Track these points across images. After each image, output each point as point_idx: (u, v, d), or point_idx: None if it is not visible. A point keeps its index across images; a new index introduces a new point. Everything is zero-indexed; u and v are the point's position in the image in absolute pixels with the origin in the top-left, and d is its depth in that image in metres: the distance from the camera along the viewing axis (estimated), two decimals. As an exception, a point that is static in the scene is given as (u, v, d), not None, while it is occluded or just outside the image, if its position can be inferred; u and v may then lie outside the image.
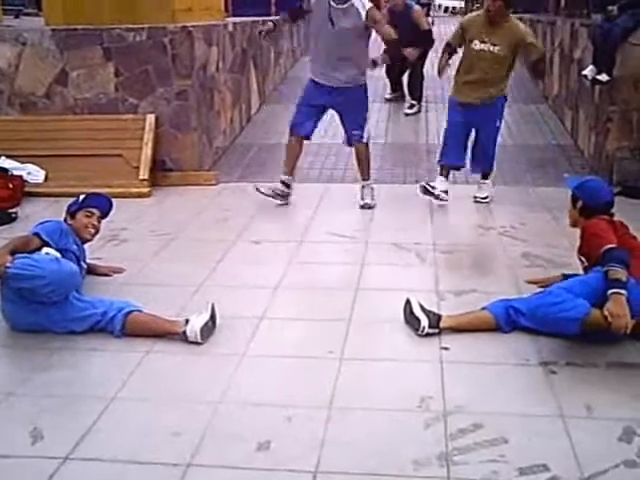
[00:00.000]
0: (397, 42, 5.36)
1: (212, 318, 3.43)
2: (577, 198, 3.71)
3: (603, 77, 5.91)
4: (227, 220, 5.36)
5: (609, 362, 3.15)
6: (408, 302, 3.51)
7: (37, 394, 2.95)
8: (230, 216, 5.44)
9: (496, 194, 5.88)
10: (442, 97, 9.37)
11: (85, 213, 3.91)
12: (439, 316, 3.45)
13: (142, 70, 6.22)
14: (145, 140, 6.16)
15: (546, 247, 4.62)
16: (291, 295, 4.00)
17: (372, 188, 5.73)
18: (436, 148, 6.23)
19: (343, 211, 5.59)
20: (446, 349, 3.28)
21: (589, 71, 6.10)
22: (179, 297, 3.88)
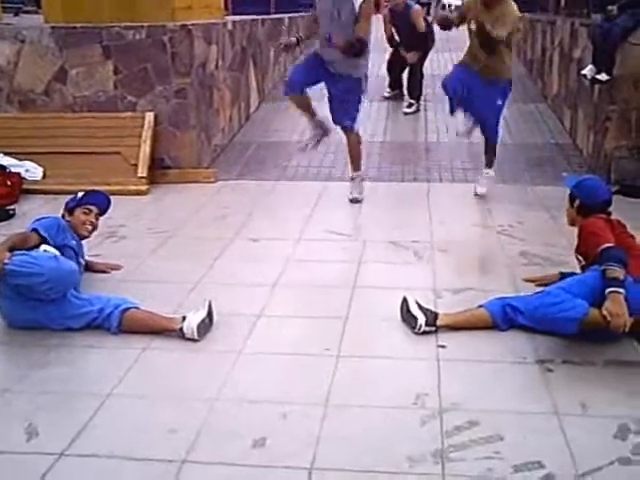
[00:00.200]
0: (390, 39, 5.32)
1: (209, 315, 3.43)
2: (575, 197, 3.72)
3: (603, 76, 5.91)
4: (225, 218, 5.36)
5: (606, 360, 3.15)
6: (405, 300, 3.51)
7: (34, 391, 2.95)
8: (228, 214, 5.44)
9: (494, 193, 5.88)
10: (441, 96, 9.36)
11: (83, 210, 3.91)
12: (436, 314, 3.45)
13: (141, 68, 6.22)
14: (144, 138, 6.16)
15: (544, 246, 4.62)
16: (288, 293, 4.00)
17: (362, 180, 5.74)
18: (435, 146, 6.25)
19: (341, 209, 5.59)
20: (443, 347, 3.29)
21: (588, 70, 6.10)
22: (176, 294, 3.88)
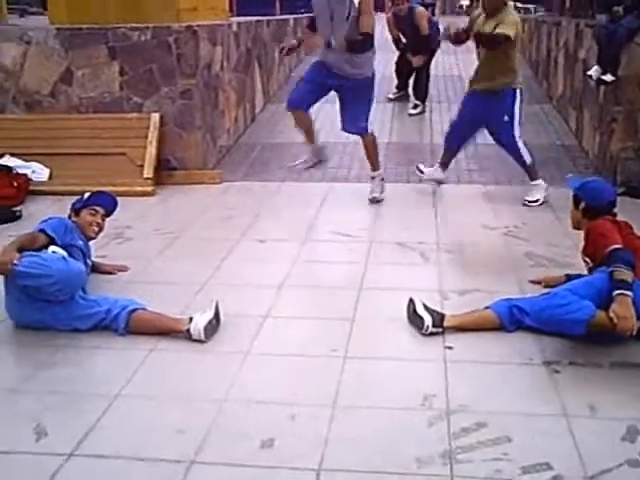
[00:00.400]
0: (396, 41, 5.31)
1: (216, 316, 3.43)
2: (579, 199, 3.69)
3: (608, 77, 5.91)
4: (231, 219, 5.36)
5: (613, 362, 3.14)
6: (411, 301, 3.51)
7: (41, 391, 2.96)
8: (234, 215, 5.45)
9: (500, 194, 5.88)
10: (446, 97, 9.39)
11: (89, 211, 3.92)
12: (443, 315, 3.45)
13: (147, 69, 6.24)
14: (149, 139, 6.17)
15: (549, 247, 4.62)
16: (295, 294, 4.01)
17: (382, 180, 5.75)
18: (440, 148, 6.23)
19: (347, 210, 5.59)
20: (450, 348, 3.28)
21: (594, 71, 6.10)
22: (183, 295, 3.88)
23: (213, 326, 3.40)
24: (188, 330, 3.34)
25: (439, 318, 3.42)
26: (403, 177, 6.51)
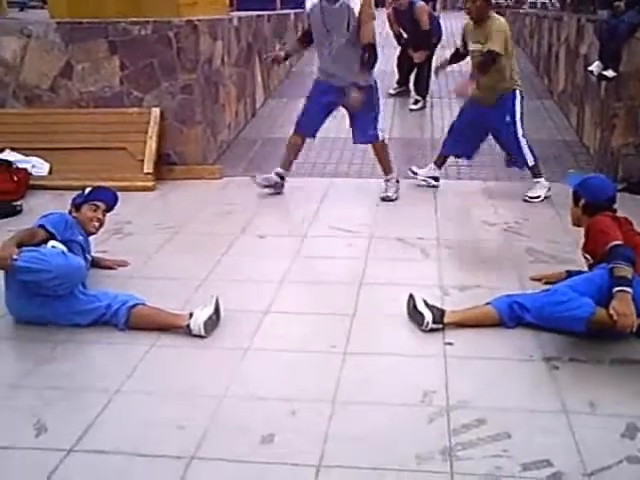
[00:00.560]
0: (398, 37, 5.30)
1: (216, 312, 3.43)
2: (579, 196, 3.69)
3: (609, 73, 5.89)
4: (231, 214, 5.36)
5: (613, 358, 3.15)
6: (411, 297, 3.51)
7: (41, 386, 2.96)
8: (234, 210, 5.44)
9: (500, 189, 5.87)
10: (447, 93, 9.36)
11: (90, 206, 3.91)
12: (443, 311, 3.45)
13: (147, 64, 6.22)
14: (150, 134, 6.16)
15: (550, 243, 4.62)
16: (295, 289, 4.00)
17: (397, 182, 5.77)
18: (441, 143, 6.23)
19: (347, 205, 5.59)
20: (450, 344, 3.28)
21: (595, 67, 6.09)
22: (183, 290, 3.88)
23: (213, 321, 3.40)
24: (188, 325, 3.34)
25: (439, 314, 3.42)
26: (404, 173, 6.49)
